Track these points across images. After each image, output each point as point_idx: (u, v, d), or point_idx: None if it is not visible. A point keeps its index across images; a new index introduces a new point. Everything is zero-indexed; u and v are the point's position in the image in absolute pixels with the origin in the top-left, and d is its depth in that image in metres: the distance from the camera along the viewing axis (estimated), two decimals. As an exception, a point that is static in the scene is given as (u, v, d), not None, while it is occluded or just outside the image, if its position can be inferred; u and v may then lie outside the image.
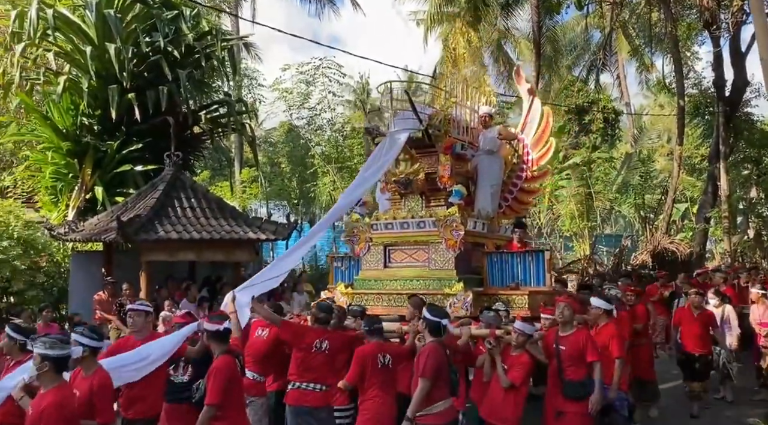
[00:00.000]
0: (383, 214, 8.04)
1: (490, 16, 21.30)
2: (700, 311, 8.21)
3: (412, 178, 7.53)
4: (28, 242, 11.01)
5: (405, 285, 7.44)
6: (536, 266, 7.14)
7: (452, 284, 6.98)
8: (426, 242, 7.43)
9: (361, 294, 7.70)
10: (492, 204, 7.77)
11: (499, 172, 7.88)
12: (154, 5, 13.34)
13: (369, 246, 7.91)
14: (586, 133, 28.17)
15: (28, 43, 12.46)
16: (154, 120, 12.73)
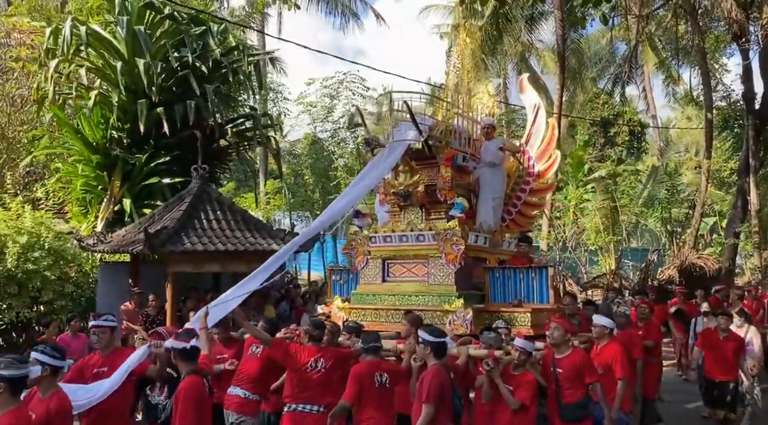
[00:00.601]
0: (382, 227, 7.85)
1: (514, 29, 21.31)
2: (726, 334, 7.74)
3: (412, 190, 7.36)
4: (58, 253, 11.24)
5: (403, 301, 7.22)
6: (539, 282, 6.92)
7: (452, 300, 6.76)
8: (425, 256, 7.24)
9: (358, 309, 7.47)
10: (494, 218, 7.59)
11: (501, 185, 7.72)
12: (183, 21, 13.62)
13: (367, 259, 7.69)
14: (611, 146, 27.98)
15: (61, 59, 12.82)
16: (181, 133, 12.96)
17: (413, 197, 7.35)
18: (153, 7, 13.53)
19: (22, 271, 10.39)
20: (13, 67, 14.86)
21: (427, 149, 7.19)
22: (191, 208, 10.73)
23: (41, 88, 13.24)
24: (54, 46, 12.96)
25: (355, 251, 7.82)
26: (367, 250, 7.67)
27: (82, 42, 12.58)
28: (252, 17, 25.12)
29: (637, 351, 6.94)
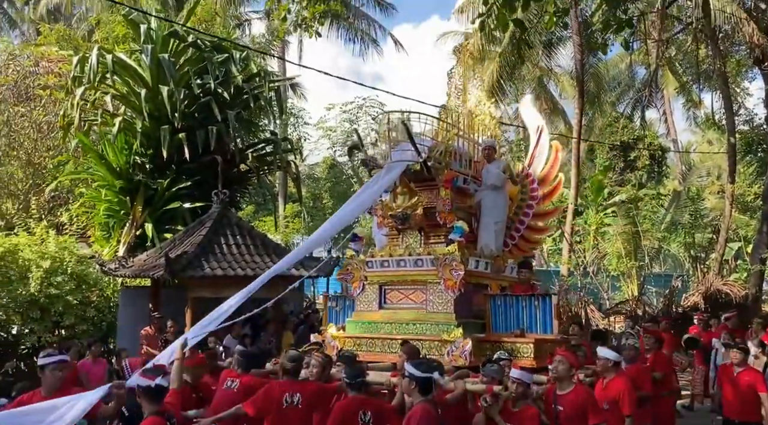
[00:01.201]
0: (379, 251, 7.56)
1: (532, 54, 21.38)
2: (742, 369, 6.98)
3: (410, 213, 7.07)
4: (81, 278, 11.36)
5: (400, 329, 6.86)
6: (543, 311, 6.57)
7: (451, 329, 6.40)
8: (424, 281, 6.91)
9: (353, 338, 7.09)
10: (496, 242, 7.31)
11: (503, 208, 7.47)
12: (206, 49, 13.90)
13: (363, 285, 7.32)
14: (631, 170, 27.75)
15: (87, 86, 13.11)
16: (203, 159, 13.12)
17: (411, 220, 7.08)
18: (177, 36, 13.83)
19: (45, 295, 10.49)
20: (40, 95, 15.22)
21: (426, 171, 6.92)
22: (211, 233, 10.81)
23: (67, 115, 13.53)
24: (81, 74, 13.27)
25: (350, 277, 7.48)
26: (364, 275, 7.32)
27: (107, 70, 12.88)
28: (273, 44, 25.55)
29: (647, 386, 6.51)
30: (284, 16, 10.02)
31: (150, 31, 13.72)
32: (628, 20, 8.35)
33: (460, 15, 24.37)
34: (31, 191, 14.84)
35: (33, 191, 14.80)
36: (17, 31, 35.62)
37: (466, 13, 22.99)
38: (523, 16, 10.65)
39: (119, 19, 16.18)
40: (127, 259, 11.04)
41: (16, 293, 10.22)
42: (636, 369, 6.54)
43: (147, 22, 13.84)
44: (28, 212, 13.90)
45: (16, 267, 10.42)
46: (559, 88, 30.35)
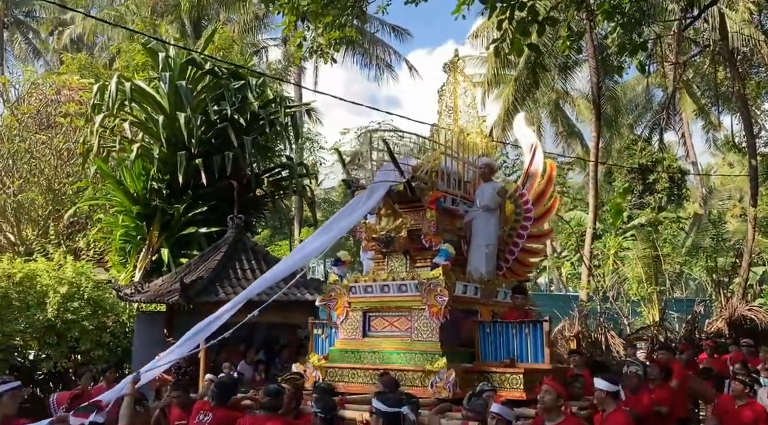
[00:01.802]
0: (363, 275, 7.24)
1: (547, 77, 21.39)
2: (742, 402, 6.14)
3: (394, 235, 6.74)
4: (97, 303, 11.39)
5: (384, 359, 6.47)
6: (534, 339, 6.17)
7: (435, 359, 6.00)
8: (408, 308, 6.55)
9: (335, 369, 6.71)
10: (487, 266, 6.98)
11: (496, 230, 7.14)
12: (223, 76, 14.10)
13: (347, 312, 6.96)
14: (650, 193, 27.41)
15: (106, 113, 13.33)
16: (219, 184, 13.21)
17: (395, 243, 6.77)
18: (195, 63, 14.06)
19: (62, 321, 10.53)
20: (61, 123, 15.51)
21: (410, 191, 6.66)
22: (227, 257, 10.81)
23: (87, 141, 13.75)
24: (100, 101, 13.51)
25: (334, 303, 7.12)
26: (347, 301, 6.96)
27: (126, 97, 13.10)
28: (289, 70, 25.88)
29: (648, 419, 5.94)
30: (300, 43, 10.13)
31: (168, 59, 13.97)
32: (643, 43, 8.28)
33: (474, 40, 24.58)
34: (50, 216, 15.02)
35: (52, 217, 14.98)
36: (42, 60, 36.63)
37: (481, 38, 23.16)
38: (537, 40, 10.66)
39: (139, 48, 16.52)
40: (143, 284, 11.07)
41: (34, 318, 10.27)
42: (637, 401, 6.03)
43: (165, 50, 14.11)
44: (47, 238, 14.05)
45: (34, 293, 10.49)
46: (576, 111, 30.29)
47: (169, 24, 23.54)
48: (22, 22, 37.32)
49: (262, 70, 23.48)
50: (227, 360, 9.37)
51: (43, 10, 34.89)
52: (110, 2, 29.56)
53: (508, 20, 6.92)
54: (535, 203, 7.59)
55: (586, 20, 17.14)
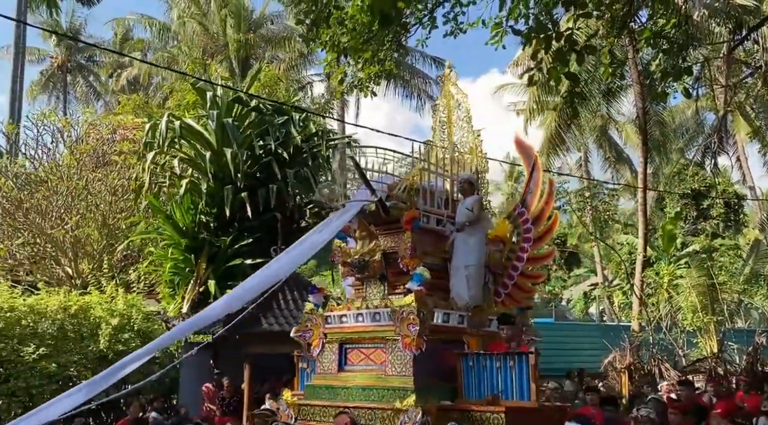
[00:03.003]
0: (337, 304, 6.77)
1: (591, 103, 21.13)
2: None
3: (368, 259, 6.27)
4: (146, 334, 11.71)
5: (357, 396, 5.94)
6: (519, 373, 5.54)
7: (406, 395, 5.47)
8: (383, 339, 6.01)
9: (308, 406, 6.24)
10: (470, 291, 6.32)
11: (477, 250, 6.48)
12: (268, 113, 14.54)
13: (323, 344, 6.48)
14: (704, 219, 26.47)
15: (157, 151, 13.90)
16: (263, 216, 13.50)
17: (370, 267, 6.29)
18: (241, 101, 14.56)
19: (114, 352, 10.87)
20: (116, 160, 16.24)
21: (383, 211, 6.19)
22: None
23: (139, 178, 14.32)
24: (152, 139, 14.10)
25: (310, 334, 6.63)
26: (323, 332, 6.48)
27: (176, 135, 13.64)
28: (332, 104, 26.46)
29: None
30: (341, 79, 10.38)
31: (216, 97, 14.50)
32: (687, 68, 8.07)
33: (515, 68, 24.60)
34: (105, 250, 15.61)
35: (107, 251, 15.56)
36: (101, 101, 38.57)
37: (521, 66, 23.15)
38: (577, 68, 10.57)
39: (189, 88, 17.23)
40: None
41: (87, 349, 10.62)
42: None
43: (214, 89, 14.66)
44: (102, 271, 14.58)
45: (88, 324, 10.87)
46: (623, 136, 29.68)
47: (219, 64, 24.51)
48: (83, 66, 39.52)
49: (307, 104, 24.07)
50: (270, 392, 9.45)
51: (103, 54, 36.91)
52: (164, 45, 31.04)
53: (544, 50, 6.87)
54: (534, 222, 7.06)
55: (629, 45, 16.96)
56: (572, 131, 22.43)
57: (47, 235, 14.64)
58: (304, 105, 23.31)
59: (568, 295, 35.46)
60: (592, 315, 33.88)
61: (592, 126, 26.08)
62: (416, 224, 6.23)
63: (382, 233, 6.54)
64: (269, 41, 28.75)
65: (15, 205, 14.97)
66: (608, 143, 28.14)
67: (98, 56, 38.61)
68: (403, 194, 6.40)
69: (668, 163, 27.51)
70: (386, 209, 6.25)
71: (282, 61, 28.36)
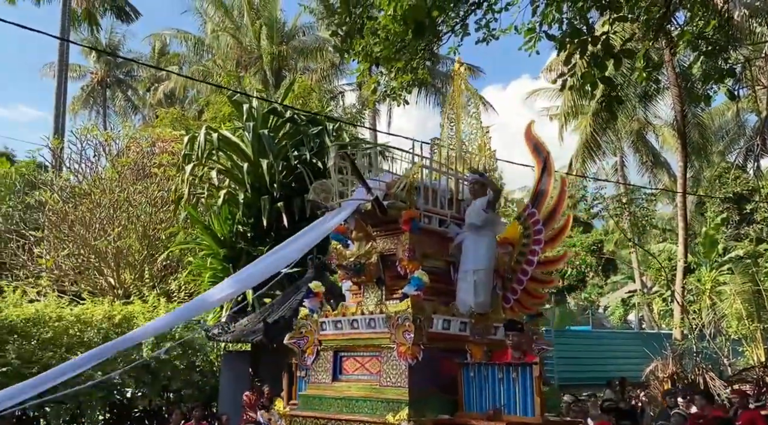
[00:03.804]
0: (331, 310, 6.39)
1: (627, 107, 20.79)
2: None
3: (364, 262, 5.95)
4: (187, 343, 11.94)
5: (350, 408, 5.61)
6: (523, 386, 5.13)
7: (400, 408, 5.13)
8: (378, 347, 5.67)
9: (300, 418, 5.93)
10: (477, 296, 5.93)
11: (487, 254, 6.10)
12: (302, 123, 14.74)
13: (317, 351, 6.19)
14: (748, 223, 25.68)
15: (196, 163, 14.20)
16: (299, 225, 13.60)
17: (366, 270, 5.96)
18: (276, 112, 14.80)
19: (155, 360, 11.08)
20: (155, 173, 16.66)
21: (379, 210, 5.86)
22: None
23: (178, 189, 14.65)
24: (190, 151, 14.43)
25: (304, 342, 6.35)
26: (317, 339, 6.19)
27: (214, 147, 13.92)
28: (363, 113, 26.65)
29: None
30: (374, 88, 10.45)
31: (252, 109, 14.78)
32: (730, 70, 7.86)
33: (549, 73, 24.39)
34: (146, 261, 15.99)
35: (147, 261, 15.94)
36: (139, 115, 39.61)
37: (555, 71, 22.95)
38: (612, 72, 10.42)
39: (225, 100, 17.58)
40: (230, 324, 11.51)
41: (130, 358, 10.87)
42: None
43: (249, 102, 14.95)
44: (143, 281, 14.92)
45: (131, 333, 11.11)
46: (661, 139, 29.12)
47: (252, 76, 24.95)
48: (122, 81, 40.69)
49: (339, 114, 24.30)
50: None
51: (141, 69, 37.92)
52: (199, 59, 31.75)
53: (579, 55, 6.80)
54: (545, 223, 6.65)
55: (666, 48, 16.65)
56: (608, 135, 22.11)
57: (91, 246, 15.08)
58: (336, 114, 23.54)
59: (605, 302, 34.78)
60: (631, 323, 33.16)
61: (629, 130, 25.66)
62: (415, 224, 5.89)
63: (380, 234, 6.21)
64: (301, 52, 29.16)
65: (61, 217, 15.46)
66: (645, 147, 27.62)
67: (136, 71, 39.68)
68: (402, 193, 5.99)
69: (708, 166, 26.84)
70: (383, 208, 5.89)
71: (314, 72, 28.72)
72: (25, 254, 15.77)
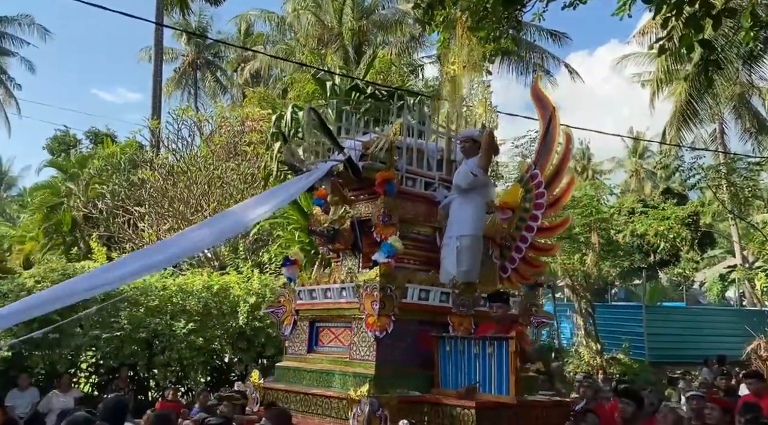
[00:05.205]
0: (308, 277, 6.12)
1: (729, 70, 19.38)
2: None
3: (338, 227, 5.66)
4: (279, 312, 12.54)
5: (321, 381, 5.41)
6: (498, 361, 4.72)
7: (364, 383, 4.84)
8: (350, 317, 5.44)
9: (273, 390, 5.74)
10: (460, 265, 5.51)
11: (472, 219, 5.65)
12: (383, 98, 14.85)
13: (294, 321, 6.02)
14: None
15: (283, 141, 14.71)
16: (381, 199, 13.90)
17: (340, 236, 5.66)
18: (358, 89, 14.99)
19: (251, 328, 11.73)
20: (246, 151, 17.36)
21: (352, 172, 5.55)
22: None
23: (267, 166, 15.23)
24: (277, 130, 14.94)
25: (282, 311, 6.18)
26: (294, 309, 6.02)
27: (300, 125, 14.34)
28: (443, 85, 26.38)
29: None
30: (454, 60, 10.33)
31: (334, 86, 15.05)
32: None
33: (641, 37, 23.10)
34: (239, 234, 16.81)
35: (240, 235, 16.75)
36: (228, 95, 41.17)
37: (648, 35, 21.73)
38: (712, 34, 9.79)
39: (308, 78, 17.96)
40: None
41: (228, 325, 11.57)
42: None
43: (332, 79, 15.22)
44: (237, 253, 15.72)
45: (228, 303, 11.81)
46: (767, 104, 26.97)
47: (334, 53, 25.23)
48: (211, 62, 42.33)
49: (419, 88, 24.19)
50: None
51: (228, 50, 39.28)
52: (281, 38, 32.45)
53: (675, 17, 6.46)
54: (548, 186, 6.16)
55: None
56: (706, 101, 20.74)
57: (189, 221, 16.02)
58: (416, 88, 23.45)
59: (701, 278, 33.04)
60: (730, 299, 31.38)
61: (729, 94, 23.90)
62: (390, 186, 5.52)
63: (359, 198, 5.90)
64: (381, 27, 29.12)
65: (161, 194, 16.50)
66: (749, 113, 25.71)
67: (224, 52, 41.12)
68: (381, 153, 5.64)
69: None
70: (356, 169, 5.54)
71: (393, 46, 28.65)
72: (130, 228, 16.98)
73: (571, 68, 27.47)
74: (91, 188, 19.64)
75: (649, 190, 37.67)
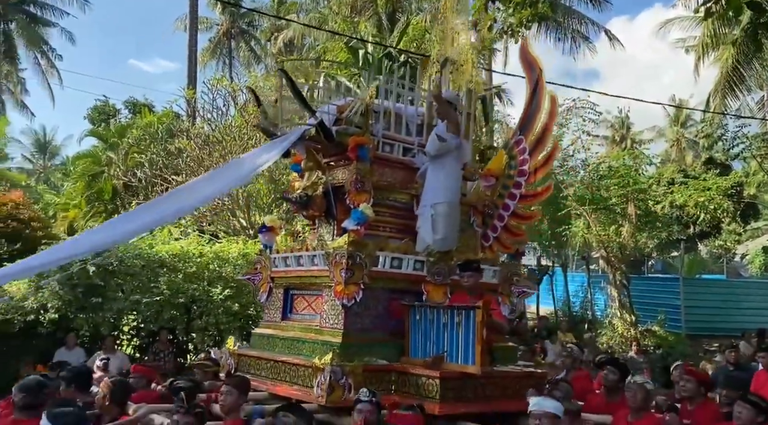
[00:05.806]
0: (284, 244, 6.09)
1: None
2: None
3: (311, 194, 5.57)
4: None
5: (292, 349, 5.40)
6: (465, 331, 4.64)
7: (328, 351, 4.78)
8: (320, 285, 5.41)
9: (246, 357, 5.76)
10: (435, 233, 5.36)
11: (448, 185, 5.47)
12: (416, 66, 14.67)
13: (270, 288, 6.01)
14: None
15: (316, 110, 14.73)
16: (414, 169, 13.87)
17: (313, 203, 5.58)
18: (391, 57, 14.82)
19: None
20: (279, 120, 17.46)
21: (324, 136, 5.42)
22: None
23: (302, 137, 15.28)
24: (311, 100, 14.95)
25: (258, 278, 6.16)
26: (270, 276, 5.99)
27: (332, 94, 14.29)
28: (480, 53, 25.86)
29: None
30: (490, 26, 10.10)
31: (367, 55, 14.91)
32: None
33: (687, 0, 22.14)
34: (273, 203, 17.02)
35: (275, 204, 16.96)
36: (261, 64, 41.26)
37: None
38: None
39: (341, 47, 17.83)
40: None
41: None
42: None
43: (365, 47, 15.07)
44: (272, 222, 15.97)
45: (262, 269, 12.05)
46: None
47: (367, 20, 24.96)
48: (245, 31, 42.37)
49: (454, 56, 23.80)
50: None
51: (262, 19, 39.23)
52: (315, 6, 32.20)
53: (723, -22, 6.21)
54: (532, 152, 6.06)
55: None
56: (754, 67, 19.88)
57: (224, 190, 16.33)
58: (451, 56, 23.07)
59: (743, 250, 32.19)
60: (778, 273, 30.54)
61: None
62: (363, 151, 5.40)
63: (334, 164, 5.80)
64: (415, -7, 28.64)
65: (197, 163, 16.77)
66: (798, 81, 24.58)
67: (257, 21, 41.08)
68: (356, 117, 5.50)
69: None
70: (329, 134, 5.44)
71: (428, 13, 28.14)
72: (168, 197, 17.38)
73: (611, 34, 26.59)
74: (131, 158, 20.08)
75: (690, 160, 36.61)
